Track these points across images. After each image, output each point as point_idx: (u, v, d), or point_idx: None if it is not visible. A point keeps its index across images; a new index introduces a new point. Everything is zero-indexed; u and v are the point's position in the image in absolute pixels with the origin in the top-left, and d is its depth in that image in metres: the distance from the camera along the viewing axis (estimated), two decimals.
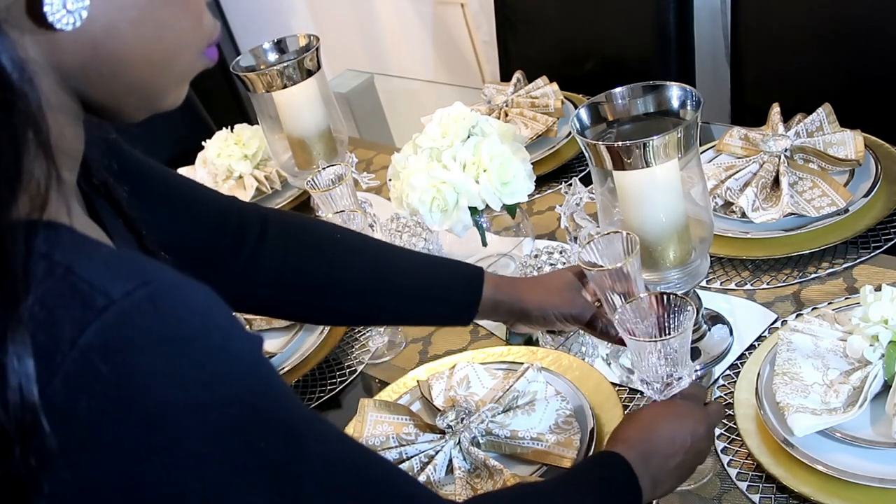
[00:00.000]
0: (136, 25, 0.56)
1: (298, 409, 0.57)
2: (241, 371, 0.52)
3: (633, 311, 0.88)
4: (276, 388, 0.55)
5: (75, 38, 0.54)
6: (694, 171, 1.02)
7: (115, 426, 0.48)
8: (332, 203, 1.26)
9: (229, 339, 0.52)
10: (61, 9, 0.52)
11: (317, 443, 0.57)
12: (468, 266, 1.04)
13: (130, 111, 0.61)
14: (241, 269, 0.96)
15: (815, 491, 0.87)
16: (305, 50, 1.48)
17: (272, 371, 0.55)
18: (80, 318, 0.47)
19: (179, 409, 0.49)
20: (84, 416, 0.47)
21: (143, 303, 0.49)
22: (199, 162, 1.80)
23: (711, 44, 2.08)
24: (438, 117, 1.25)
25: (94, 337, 0.47)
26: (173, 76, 0.61)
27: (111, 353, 0.47)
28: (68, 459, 0.47)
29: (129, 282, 0.49)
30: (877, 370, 0.91)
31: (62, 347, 0.47)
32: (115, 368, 0.47)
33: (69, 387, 0.47)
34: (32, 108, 0.51)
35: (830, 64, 1.61)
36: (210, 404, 0.50)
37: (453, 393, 1.08)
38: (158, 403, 0.48)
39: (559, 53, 1.98)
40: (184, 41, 0.60)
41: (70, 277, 0.49)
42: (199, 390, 0.50)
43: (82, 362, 0.47)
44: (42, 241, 0.50)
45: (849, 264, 1.15)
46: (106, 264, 0.50)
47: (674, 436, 0.83)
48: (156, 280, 0.50)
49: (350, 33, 3.07)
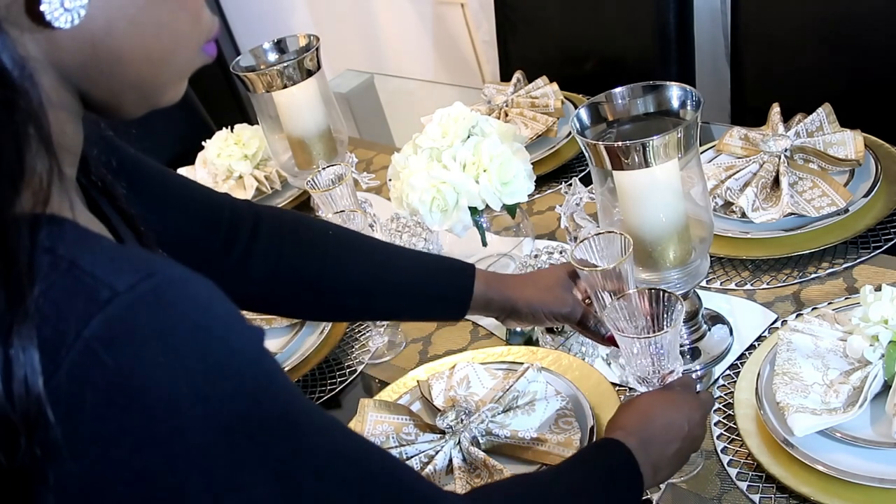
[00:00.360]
0: (134, 23, 0.56)
1: (301, 401, 0.57)
2: (244, 364, 0.52)
3: (622, 308, 0.88)
4: (279, 381, 0.55)
5: (74, 36, 0.54)
6: (694, 171, 1.02)
7: (119, 417, 0.48)
8: (332, 203, 1.26)
9: (232, 332, 0.52)
10: (59, 7, 0.52)
11: (319, 436, 0.57)
12: (459, 263, 1.05)
13: (129, 108, 0.61)
14: (235, 266, 0.97)
15: (815, 491, 0.87)
16: (305, 50, 1.48)
17: (274, 364, 0.56)
18: (84, 311, 0.48)
19: (182, 401, 0.49)
20: (88, 407, 0.48)
21: (147, 295, 0.49)
22: (199, 162, 1.80)
23: (711, 44, 2.08)
24: (438, 117, 1.25)
25: (99, 329, 0.47)
26: (172, 73, 0.61)
27: (115, 345, 0.48)
28: (73, 450, 0.48)
29: (133, 275, 0.49)
30: (877, 370, 0.91)
31: (67, 340, 0.47)
32: (118, 360, 0.48)
33: (74, 378, 0.47)
34: (33, 105, 0.51)
35: (830, 64, 1.61)
36: (212, 396, 0.50)
37: (453, 393, 1.08)
38: (161, 395, 0.49)
39: (559, 53, 1.98)
40: (182, 38, 0.60)
41: (74, 271, 0.49)
42: (202, 383, 0.50)
43: (86, 354, 0.47)
44: (46, 235, 0.50)
45: (849, 264, 1.15)
46: (109, 257, 0.51)
47: (671, 422, 0.84)
48: (159, 273, 0.50)
49: (350, 33, 3.07)
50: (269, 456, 0.53)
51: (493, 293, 1.03)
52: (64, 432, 0.47)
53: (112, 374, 0.48)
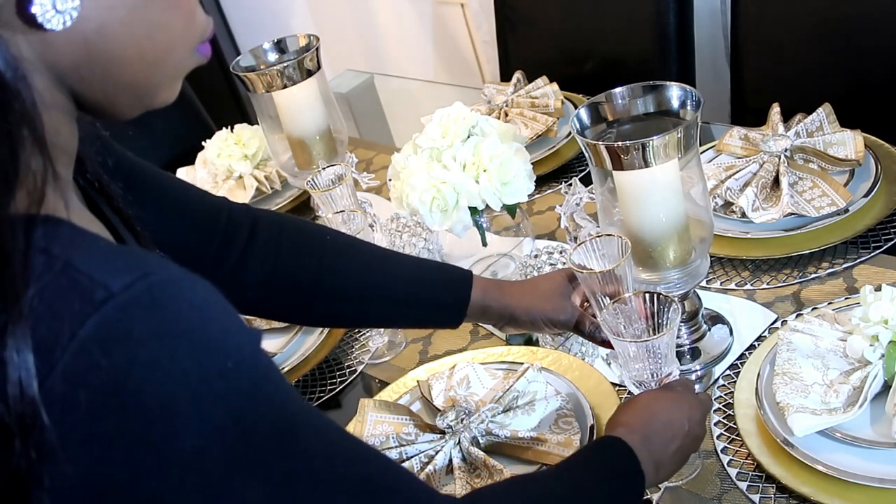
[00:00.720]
0: (127, 24, 0.56)
1: (297, 403, 0.57)
2: (240, 365, 0.52)
3: (619, 312, 0.88)
4: (275, 383, 0.55)
5: (67, 37, 0.54)
6: (694, 171, 1.02)
7: (114, 419, 0.48)
8: (332, 203, 1.26)
9: (228, 334, 0.52)
10: (51, 9, 0.52)
11: (315, 438, 0.57)
12: (458, 270, 1.04)
13: (124, 109, 0.61)
14: (231, 271, 0.97)
15: (815, 491, 0.87)
16: (305, 50, 1.48)
17: (271, 366, 0.56)
18: (79, 312, 0.48)
19: (177, 402, 0.49)
20: (83, 408, 0.47)
21: (143, 296, 0.49)
22: (199, 162, 1.80)
23: (711, 44, 2.08)
24: (438, 117, 1.25)
25: (93, 330, 0.47)
26: (166, 73, 0.61)
27: (110, 345, 0.48)
28: (68, 452, 0.48)
29: (129, 275, 0.49)
30: (877, 370, 0.91)
31: (61, 341, 0.47)
32: (113, 361, 0.47)
33: (68, 380, 0.47)
34: (27, 106, 0.51)
35: (831, 64, 1.61)
36: (208, 398, 0.50)
37: (453, 393, 1.08)
38: (157, 396, 0.48)
39: (559, 53, 1.98)
40: (176, 39, 0.60)
41: (69, 271, 0.49)
42: (197, 384, 0.50)
43: (81, 355, 0.47)
44: (41, 235, 0.50)
45: (849, 264, 1.15)
46: (105, 257, 0.51)
47: (672, 420, 0.83)
48: (155, 273, 0.50)
49: (350, 33, 3.07)
50: (265, 458, 0.53)
51: (491, 301, 1.03)
52: (59, 434, 0.47)
53: (107, 376, 0.47)
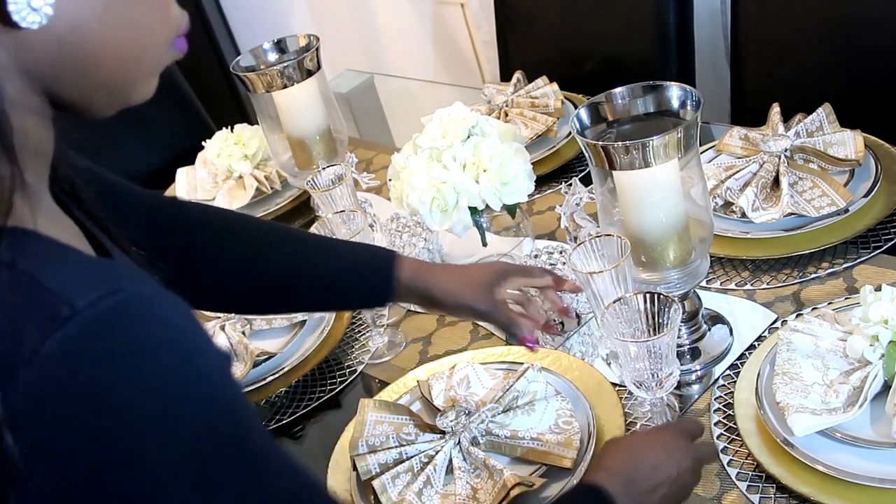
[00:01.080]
0: (101, 21, 0.55)
1: (258, 433, 0.56)
2: (205, 389, 0.51)
3: (618, 312, 0.88)
4: (240, 411, 0.54)
5: (41, 36, 0.53)
6: (694, 171, 1.02)
7: (77, 437, 0.47)
8: (332, 203, 1.26)
9: (196, 356, 0.52)
10: (25, 7, 0.51)
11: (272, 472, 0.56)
12: (383, 251, 1.08)
13: (100, 107, 0.60)
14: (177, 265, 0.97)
15: (815, 491, 0.87)
16: (305, 50, 1.48)
17: (238, 392, 0.55)
18: (42, 329, 0.47)
19: (138, 421, 0.48)
20: (46, 426, 0.47)
21: (107, 313, 0.48)
22: (199, 162, 1.80)
23: (711, 44, 2.08)
24: (438, 117, 1.25)
25: (56, 347, 0.46)
26: (142, 70, 0.60)
27: (72, 363, 0.47)
28: (32, 470, 0.47)
29: (95, 292, 0.48)
30: (877, 370, 0.91)
31: (23, 358, 0.46)
32: (76, 379, 0.47)
33: (30, 398, 0.46)
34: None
35: (831, 64, 1.61)
36: (169, 419, 0.49)
37: (453, 393, 1.08)
38: (118, 415, 0.48)
39: (559, 53, 1.98)
40: (151, 35, 0.59)
41: (34, 287, 0.48)
42: (160, 404, 0.49)
43: (43, 373, 0.46)
44: (6, 248, 0.49)
45: (849, 264, 1.15)
46: (72, 272, 0.50)
47: (658, 464, 0.82)
48: (125, 290, 0.49)
49: (350, 33, 3.07)
50: (221, 482, 0.52)
51: (417, 282, 1.05)
52: (22, 452, 0.46)
53: (69, 393, 0.47)
